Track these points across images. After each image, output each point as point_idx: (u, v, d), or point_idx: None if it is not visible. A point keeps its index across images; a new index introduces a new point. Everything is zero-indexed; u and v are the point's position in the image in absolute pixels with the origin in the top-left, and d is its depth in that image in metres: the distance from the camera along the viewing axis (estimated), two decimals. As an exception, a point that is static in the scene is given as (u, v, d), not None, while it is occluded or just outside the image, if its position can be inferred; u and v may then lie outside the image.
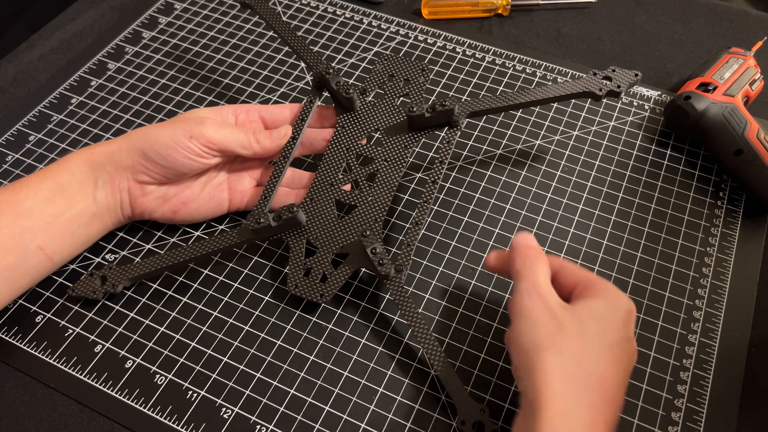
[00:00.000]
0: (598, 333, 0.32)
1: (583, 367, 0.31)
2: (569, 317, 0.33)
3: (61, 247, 0.41)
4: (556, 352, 0.32)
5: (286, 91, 0.56)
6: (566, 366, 0.31)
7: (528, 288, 0.34)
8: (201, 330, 0.42)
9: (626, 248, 0.46)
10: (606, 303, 0.34)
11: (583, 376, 0.31)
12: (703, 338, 0.42)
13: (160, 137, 0.42)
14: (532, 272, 0.35)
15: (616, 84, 0.46)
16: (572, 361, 0.31)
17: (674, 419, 0.39)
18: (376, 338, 0.42)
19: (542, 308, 0.33)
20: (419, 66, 0.49)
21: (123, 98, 0.56)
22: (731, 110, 0.48)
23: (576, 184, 0.50)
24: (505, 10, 0.62)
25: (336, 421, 0.39)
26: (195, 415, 0.39)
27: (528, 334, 0.33)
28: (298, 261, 0.43)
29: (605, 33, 0.61)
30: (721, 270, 0.45)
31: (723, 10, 0.63)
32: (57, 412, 0.39)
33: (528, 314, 0.34)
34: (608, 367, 0.32)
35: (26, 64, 0.59)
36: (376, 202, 0.44)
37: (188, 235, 0.47)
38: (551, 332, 0.32)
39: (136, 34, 0.61)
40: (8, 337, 0.42)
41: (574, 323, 0.32)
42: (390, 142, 0.46)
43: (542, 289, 0.34)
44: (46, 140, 0.53)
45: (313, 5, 0.64)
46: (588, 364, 0.31)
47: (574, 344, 0.32)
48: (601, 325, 0.33)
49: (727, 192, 0.49)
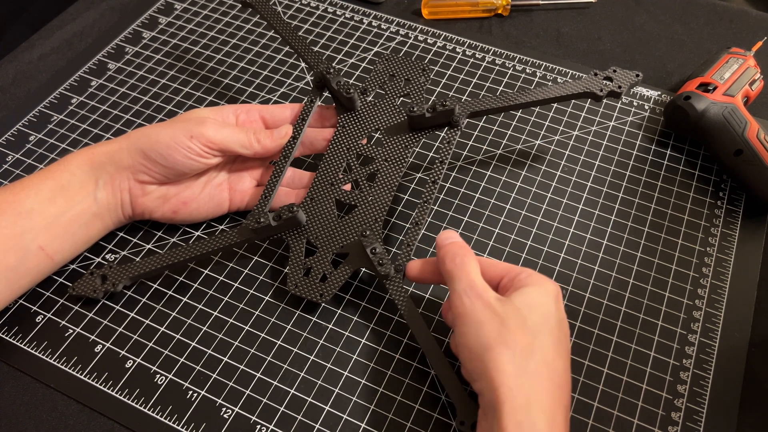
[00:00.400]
0: (538, 321, 0.33)
1: (532, 357, 0.32)
2: (509, 311, 0.33)
3: (62, 247, 0.41)
4: (505, 348, 0.32)
5: (287, 91, 0.56)
6: (517, 360, 0.32)
7: (464, 288, 0.35)
8: (201, 330, 0.42)
9: (626, 248, 0.46)
10: (537, 290, 0.35)
11: (535, 366, 0.32)
12: (703, 338, 0.42)
13: (161, 137, 0.42)
14: (465, 271, 0.36)
15: (617, 84, 0.46)
16: (521, 353, 0.32)
17: (674, 419, 0.39)
18: (376, 338, 0.42)
19: (482, 307, 0.34)
20: (420, 66, 0.49)
21: (123, 98, 0.56)
22: (731, 110, 0.48)
23: (576, 184, 0.50)
24: (505, 10, 0.62)
25: (336, 421, 0.39)
26: (195, 415, 0.39)
27: (474, 335, 0.33)
28: (298, 261, 0.43)
29: (605, 33, 0.61)
30: (721, 270, 0.45)
31: (723, 10, 0.63)
32: (57, 412, 0.39)
33: (470, 315, 0.34)
34: (554, 353, 0.33)
35: (26, 64, 0.59)
36: (376, 202, 0.44)
37: (188, 235, 0.47)
38: (496, 329, 0.33)
39: (136, 34, 0.61)
40: (8, 337, 0.42)
41: (515, 316, 0.33)
42: (390, 142, 0.46)
43: (478, 287, 0.35)
44: (47, 140, 0.53)
45: (313, 5, 0.64)
46: (536, 354, 0.32)
47: (519, 337, 0.32)
48: (539, 313, 0.34)
49: (727, 192, 0.49)
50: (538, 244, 0.46)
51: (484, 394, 0.33)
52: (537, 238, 0.47)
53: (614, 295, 0.44)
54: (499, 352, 0.32)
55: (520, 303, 0.34)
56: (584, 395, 0.40)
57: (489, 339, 0.33)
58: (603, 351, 0.42)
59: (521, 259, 0.46)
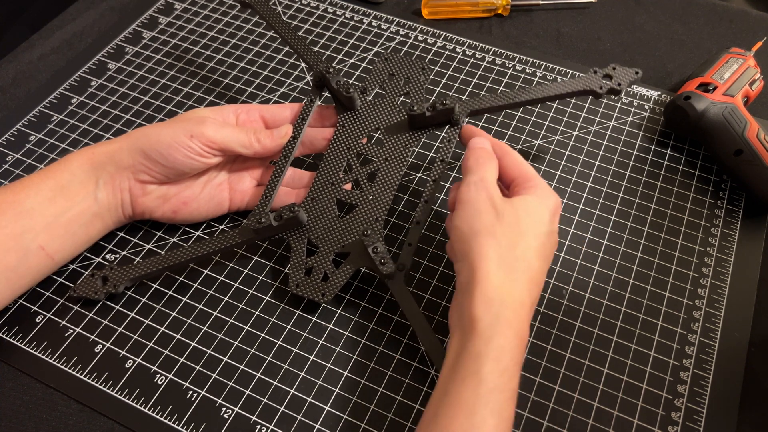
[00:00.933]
0: (529, 225, 0.36)
1: (515, 252, 0.35)
2: (507, 209, 0.37)
3: (62, 247, 0.41)
4: (493, 238, 0.35)
5: (286, 91, 0.56)
6: (501, 250, 0.35)
7: (476, 180, 0.38)
8: (201, 330, 0.42)
9: (626, 248, 0.46)
10: (538, 199, 0.38)
11: (515, 259, 0.35)
12: (703, 338, 0.42)
13: (161, 137, 0.42)
14: (482, 168, 0.39)
15: (617, 82, 0.46)
16: (506, 246, 0.35)
17: (674, 419, 0.39)
18: (376, 338, 0.42)
19: (485, 199, 0.37)
20: (420, 65, 0.49)
21: (123, 98, 0.56)
22: (731, 110, 0.48)
23: (576, 184, 0.50)
24: (505, 10, 0.62)
25: (336, 421, 0.39)
26: (195, 415, 0.39)
27: (470, 220, 0.37)
28: (300, 260, 0.43)
29: (605, 33, 0.61)
30: (721, 270, 0.45)
31: (723, 10, 0.63)
32: (57, 412, 0.39)
33: (472, 203, 0.37)
34: (536, 254, 0.36)
35: (26, 64, 0.59)
36: (376, 201, 0.44)
37: (188, 235, 0.47)
38: (490, 221, 0.36)
39: (136, 34, 0.61)
40: (8, 337, 0.42)
41: (511, 215, 0.36)
42: (390, 141, 0.46)
43: (488, 183, 0.38)
44: (47, 140, 0.53)
45: (313, 5, 0.64)
46: (519, 251, 0.35)
47: (509, 232, 0.36)
48: (532, 219, 0.37)
49: (727, 192, 0.49)
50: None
51: (462, 273, 0.36)
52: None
53: (614, 295, 0.44)
54: (486, 240, 0.35)
55: (518, 206, 0.37)
56: (584, 395, 0.40)
57: (481, 226, 0.36)
58: (603, 351, 0.42)
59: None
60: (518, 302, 0.34)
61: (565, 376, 0.40)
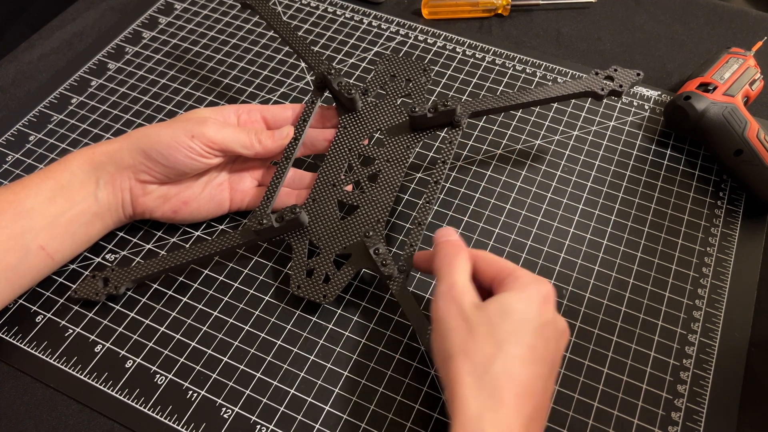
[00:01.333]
0: (508, 331, 0.32)
1: (492, 369, 0.31)
2: (480, 319, 0.33)
3: (62, 247, 0.41)
4: (465, 357, 0.32)
5: (287, 91, 0.56)
6: (476, 371, 0.31)
7: (444, 290, 0.34)
8: (201, 330, 0.42)
9: (626, 248, 0.46)
10: (518, 294, 0.33)
11: (494, 378, 0.31)
12: (703, 338, 0.42)
13: (162, 137, 0.42)
14: (450, 271, 0.35)
15: (618, 83, 0.46)
16: (481, 364, 0.31)
17: (674, 419, 0.39)
18: (376, 338, 0.42)
19: (455, 312, 0.33)
20: (421, 66, 0.49)
21: (123, 98, 0.56)
22: (731, 110, 0.48)
23: (576, 184, 0.50)
24: (505, 10, 0.62)
25: (336, 421, 0.39)
26: (195, 415, 0.39)
27: (442, 341, 0.33)
28: (301, 262, 0.43)
29: (605, 33, 0.61)
30: (721, 270, 0.45)
31: (723, 10, 0.63)
32: (57, 412, 0.39)
33: (443, 319, 0.34)
34: (521, 363, 0.31)
35: (26, 64, 0.59)
36: (378, 202, 0.44)
37: (188, 235, 0.47)
38: (462, 338, 0.32)
39: (136, 34, 0.61)
40: (8, 337, 0.42)
41: (484, 325, 0.32)
42: (392, 142, 0.46)
43: (457, 290, 0.34)
44: (47, 140, 0.53)
45: (313, 5, 0.64)
46: (498, 366, 0.31)
47: (483, 347, 0.32)
48: (511, 322, 0.32)
49: (727, 192, 0.50)
50: (538, 244, 0.46)
51: (447, 402, 0.32)
52: (537, 238, 0.47)
53: (614, 295, 0.44)
54: (460, 362, 0.32)
55: (493, 310, 0.33)
56: (584, 395, 0.40)
57: (453, 347, 0.32)
58: (603, 351, 0.42)
59: (521, 259, 0.46)
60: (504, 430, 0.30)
61: (565, 376, 0.41)
